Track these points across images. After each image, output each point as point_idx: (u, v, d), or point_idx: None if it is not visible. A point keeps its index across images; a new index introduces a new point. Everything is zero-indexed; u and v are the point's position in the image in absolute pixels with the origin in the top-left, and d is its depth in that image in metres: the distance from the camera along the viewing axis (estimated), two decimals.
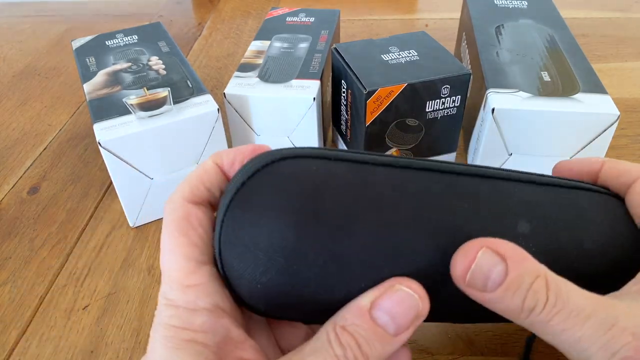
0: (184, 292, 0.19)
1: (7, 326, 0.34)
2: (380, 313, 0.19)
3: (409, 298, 0.19)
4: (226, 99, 0.41)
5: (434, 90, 0.37)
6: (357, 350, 0.18)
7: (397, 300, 0.19)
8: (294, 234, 0.18)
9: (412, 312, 0.19)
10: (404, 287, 0.19)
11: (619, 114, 0.35)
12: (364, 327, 0.18)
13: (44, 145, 0.51)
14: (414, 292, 0.19)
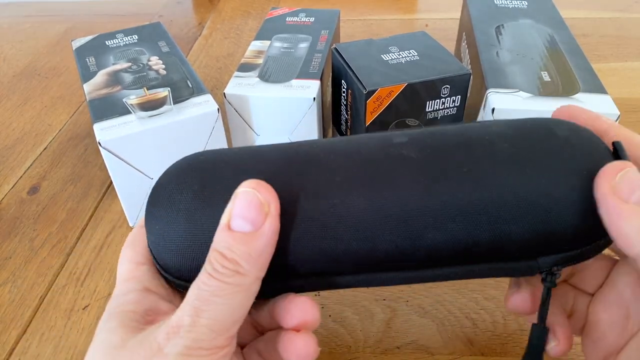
0: (122, 284, 0.23)
1: (7, 326, 0.34)
2: (235, 221, 0.21)
3: (248, 194, 0.21)
4: (226, 99, 0.41)
5: (434, 90, 0.37)
6: (223, 260, 0.20)
7: (241, 203, 0.21)
8: (183, 219, 0.22)
9: (256, 204, 0.21)
10: (241, 189, 0.21)
11: (619, 114, 0.35)
12: (226, 240, 0.21)
13: (44, 145, 0.51)
14: (249, 187, 0.21)
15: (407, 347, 0.32)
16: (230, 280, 0.20)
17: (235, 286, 0.20)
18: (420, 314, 0.33)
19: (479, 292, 0.35)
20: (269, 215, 0.21)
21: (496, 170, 0.22)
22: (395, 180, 0.22)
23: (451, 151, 0.22)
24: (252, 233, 0.21)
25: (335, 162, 0.23)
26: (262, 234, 0.21)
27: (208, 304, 0.20)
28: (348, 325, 0.33)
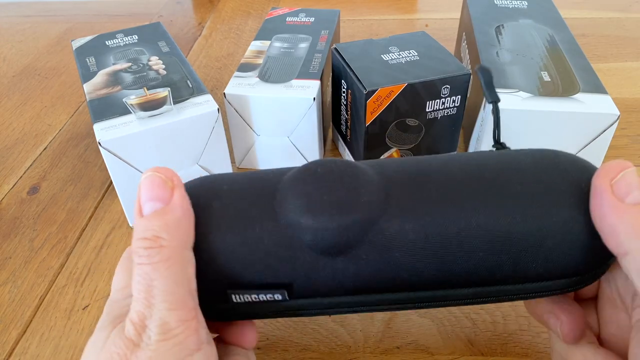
0: (118, 292, 0.24)
1: (7, 326, 0.34)
2: (145, 207, 0.22)
3: (148, 177, 0.22)
4: (226, 99, 0.41)
5: (434, 90, 0.37)
6: (144, 242, 0.21)
7: (145, 187, 0.22)
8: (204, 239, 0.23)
9: (159, 182, 0.22)
10: (141, 178, 0.22)
11: (619, 114, 0.35)
12: (141, 225, 0.21)
13: (44, 145, 0.51)
14: (147, 172, 0.22)
15: (407, 347, 0.32)
16: (157, 259, 0.21)
17: (165, 261, 0.21)
18: (420, 314, 0.33)
19: None
20: (175, 187, 0.22)
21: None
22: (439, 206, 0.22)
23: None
24: (164, 207, 0.22)
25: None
26: (173, 204, 0.22)
27: (151, 289, 0.20)
28: (348, 325, 0.33)
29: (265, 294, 0.23)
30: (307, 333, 0.33)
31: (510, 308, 0.33)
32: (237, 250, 0.23)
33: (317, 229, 0.22)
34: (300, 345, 0.32)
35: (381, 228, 0.22)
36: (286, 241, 0.22)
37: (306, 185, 0.23)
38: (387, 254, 0.22)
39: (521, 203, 0.22)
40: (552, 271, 0.22)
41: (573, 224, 0.22)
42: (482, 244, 0.22)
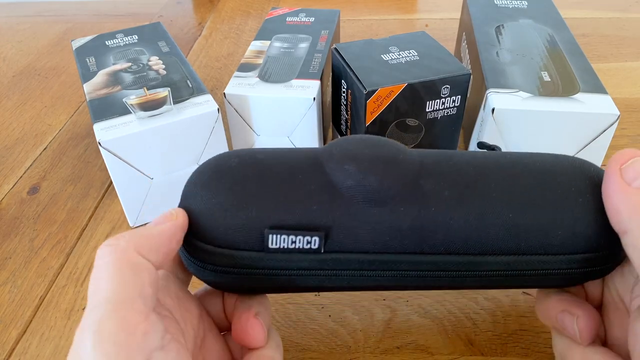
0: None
1: (7, 326, 0.34)
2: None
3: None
4: (226, 99, 0.41)
5: (434, 90, 0.37)
6: (106, 241, 0.21)
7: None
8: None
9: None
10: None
11: (619, 114, 0.35)
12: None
13: (44, 145, 0.51)
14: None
15: (407, 347, 0.32)
16: (108, 259, 0.20)
17: (117, 261, 0.20)
18: (420, 314, 0.33)
19: (479, 292, 0.35)
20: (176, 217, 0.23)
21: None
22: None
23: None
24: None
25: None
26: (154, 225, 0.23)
27: (97, 289, 0.20)
28: (348, 325, 0.33)
29: (303, 236, 0.23)
30: (307, 333, 0.33)
31: (510, 308, 0.33)
32: (280, 189, 0.23)
33: (359, 176, 0.23)
34: (300, 345, 0.32)
35: (419, 184, 0.24)
36: (328, 186, 0.23)
37: (349, 144, 0.25)
38: (423, 208, 0.23)
39: (546, 182, 0.24)
40: (571, 243, 0.23)
41: (587, 204, 0.24)
42: (513, 199, 0.24)
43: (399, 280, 0.24)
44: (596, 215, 0.24)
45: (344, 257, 0.23)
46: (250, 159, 0.24)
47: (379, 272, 0.24)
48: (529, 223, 0.23)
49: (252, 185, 0.23)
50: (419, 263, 0.23)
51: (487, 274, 0.24)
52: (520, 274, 0.24)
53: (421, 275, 0.24)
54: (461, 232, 0.23)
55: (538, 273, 0.24)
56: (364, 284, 0.24)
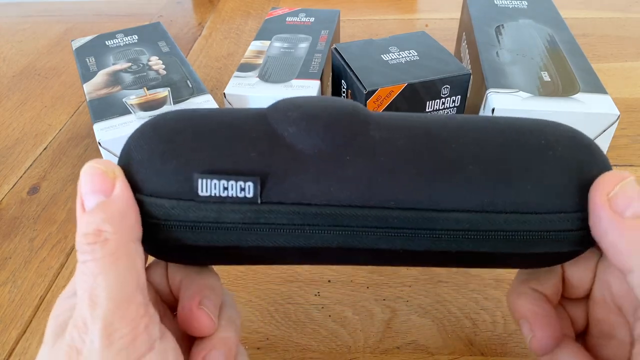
0: (60, 302, 0.22)
1: (7, 326, 0.34)
2: (86, 200, 0.21)
3: (88, 169, 0.21)
4: (226, 99, 0.41)
5: (434, 90, 0.37)
6: (87, 237, 0.20)
7: (85, 180, 0.21)
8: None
9: (99, 174, 0.21)
10: (81, 171, 0.21)
11: (619, 114, 0.35)
12: (83, 220, 0.21)
13: (44, 145, 0.51)
14: (87, 165, 0.21)
15: (407, 347, 0.32)
16: (101, 254, 0.19)
17: (110, 255, 0.19)
18: (420, 314, 0.33)
19: (479, 292, 0.35)
20: (116, 178, 0.21)
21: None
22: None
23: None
24: (106, 200, 0.20)
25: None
26: (116, 196, 0.20)
27: (95, 287, 0.19)
28: (348, 325, 0.33)
29: (236, 181, 0.20)
30: (307, 333, 0.33)
31: None
32: (217, 137, 0.21)
33: (302, 122, 0.21)
34: (300, 345, 0.32)
35: (369, 134, 0.22)
36: (269, 134, 0.21)
37: (297, 98, 0.23)
38: (371, 157, 0.21)
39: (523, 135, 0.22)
40: (541, 200, 0.21)
41: (559, 159, 0.21)
42: (474, 151, 0.21)
43: (348, 241, 0.21)
44: (569, 170, 0.21)
45: (283, 208, 0.21)
46: (190, 112, 0.23)
47: (324, 229, 0.21)
48: (491, 176, 0.21)
49: (188, 134, 0.22)
50: (367, 218, 0.21)
51: (446, 235, 0.21)
52: (484, 237, 0.21)
53: (371, 234, 0.21)
54: (412, 184, 0.21)
55: (503, 236, 0.21)
56: (308, 244, 0.21)
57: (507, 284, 0.35)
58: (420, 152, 0.21)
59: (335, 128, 0.21)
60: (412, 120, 0.22)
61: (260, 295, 0.35)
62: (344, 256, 0.23)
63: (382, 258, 0.23)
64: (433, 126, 0.22)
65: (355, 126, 0.22)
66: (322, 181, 0.21)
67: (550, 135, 0.22)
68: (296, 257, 0.23)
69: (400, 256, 0.22)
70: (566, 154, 0.22)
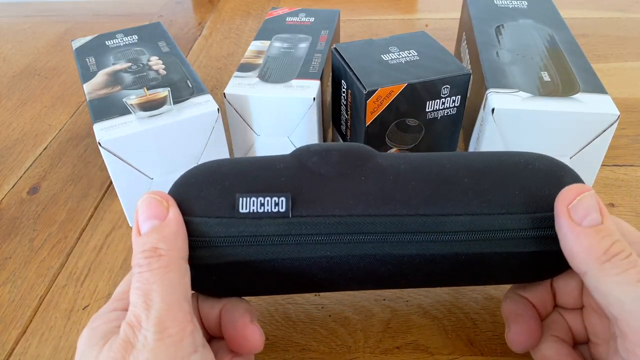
0: (111, 303, 0.25)
1: (7, 326, 0.34)
2: (142, 226, 0.23)
3: (145, 200, 0.24)
4: (226, 99, 0.41)
5: (434, 90, 0.37)
6: (144, 253, 0.22)
7: (142, 209, 0.23)
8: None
9: (154, 203, 0.24)
10: (138, 202, 0.24)
11: (619, 114, 0.35)
12: (140, 241, 0.23)
13: (44, 145, 0.51)
14: (143, 196, 0.24)
15: (407, 347, 0.32)
16: (156, 265, 0.22)
17: (164, 267, 0.22)
18: (420, 314, 0.33)
19: (479, 292, 0.35)
20: (170, 206, 0.24)
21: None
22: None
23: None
24: (161, 223, 0.23)
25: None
26: (169, 220, 0.23)
27: (150, 292, 0.21)
28: (348, 325, 0.33)
29: (271, 197, 0.24)
30: (307, 333, 0.33)
31: None
32: (252, 169, 0.26)
33: (323, 152, 0.26)
34: (300, 345, 0.32)
35: (377, 161, 0.26)
36: (296, 165, 0.26)
37: (317, 143, 0.28)
38: (382, 176, 0.26)
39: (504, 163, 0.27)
40: (530, 202, 0.25)
41: (538, 170, 0.26)
42: (466, 169, 0.26)
43: (368, 248, 0.25)
44: (548, 178, 0.25)
45: (310, 220, 0.24)
46: (227, 159, 0.28)
47: (346, 236, 0.24)
48: (485, 186, 0.25)
49: (228, 169, 0.26)
50: (382, 224, 0.24)
51: (454, 236, 0.24)
52: (485, 237, 0.24)
53: (389, 240, 0.24)
54: (420, 194, 0.25)
55: (502, 236, 0.24)
56: (333, 252, 0.25)
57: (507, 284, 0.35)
58: (422, 171, 0.26)
59: (349, 156, 0.26)
60: (411, 154, 0.28)
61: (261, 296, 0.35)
62: (366, 270, 0.25)
63: (400, 269, 0.25)
64: (428, 155, 0.27)
65: (365, 155, 0.27)
66: (342, 196, 0.25)
67: (527, 156, 0.27)
68: (324, 274, 0.26)
69: (416, 266, 0.25)
70: (542, 167, 0.26)
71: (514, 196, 0.25)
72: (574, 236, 0.22)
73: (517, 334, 0.27)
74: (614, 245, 0.22)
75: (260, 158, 0.27)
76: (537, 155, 0.27)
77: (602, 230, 0.22)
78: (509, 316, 0.28)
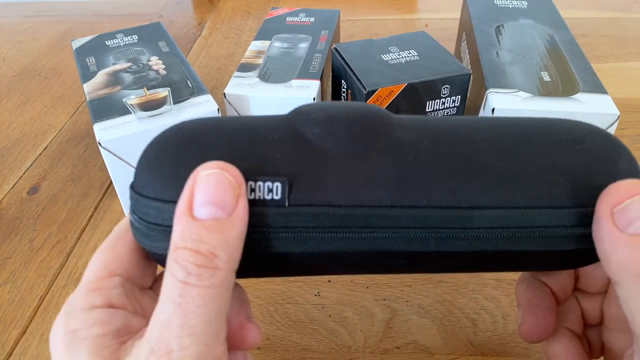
0: (86, 295, 0.19)
1: (7, 326, 0.34)
2: (201, 210, 0.18)
3: (216, 176, 0.18)
4: (226, 99, 0.41)
5: (434, 90, 0.37)
6: (196, 257, 0.17)
7: (208, 187, 0.18)
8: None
9: (227, 186, 0.18)
10: (204, 172, 0.18)
11: (619, 114, 0.35)
12: (194, 232, 0.17)
13: (44, 145, 0.51)
14: (215, 168, 0.18)
15: (407, 347, 0.32)
16: (208, 282, 0.17)
17: (217, 287, 0.17)
18: (420, 314, 0.33)
19: (479, 292, 0.35)
20: (240, 196, 0.18)
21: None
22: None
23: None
24: (226, 218, 0.18)
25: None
26: (237, 218, 0.18)
27: (192, 317, 0.17)
28: (348, 325, 0.33)
29: (264, 182, 0.19)
30: (307, 333, 0.33)
31: (510, 308, 0.34)
32: (241, 140, 0.21)
33: (327, 122, 0.21)
34: (300, 345, 0.32)
35: (394, 134, 0.21)
36: (294, 136, 0.21)
37: (319, 102, 0.23)
38: (400, 156, 0.21)
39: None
40: (573, 194, 0.20)
41: (587, 153, 0.21)
42: (501, 149, 0.21)
43: (380, 244, 0.20)
44: (601, 163, 0.21)
45: (310, 211, 0.20)
46: (209, 120, 0.22)
47: (354, 231, 0.20)
48: (523, 172, 0.20)
49: (211, 138, 0.21)
50: (398, 218, 0.20)
51: (483, 233, 0.20)
52: (520, 235, 0.20)
53: (404, 235, 0.20)
54: (445, 183, 0.20)
55: (539, 232, 0.20)
56: (338, 248, 0.20)
57: (507, 283, 0.35)
58: (449, 151, 0.21)
59: (361, 128, 0.21)
60: (434, 122, 0.22)
61: (261, 295, 0.35)
62: (375, 262, 0.22)
63: (414, 263, 0.22)
64: (455, 125, 0.22)
65: (380, 124, 0.21)
66: (349, 181, 0.20)
67: (578, 131, 0.22)
68: (326, 263, 0.22)
69: (432, 260, 0.21)
70: (595, 148, 0.21)
71: (557, 185, 0.20)
72: (612, 242, 0.19)
73: (531, 326, 0.25)
74: None
75: (251, 122, 0.22)
76: (589, 129, 0.22)
77: None
78: (524, 305, 0.25)
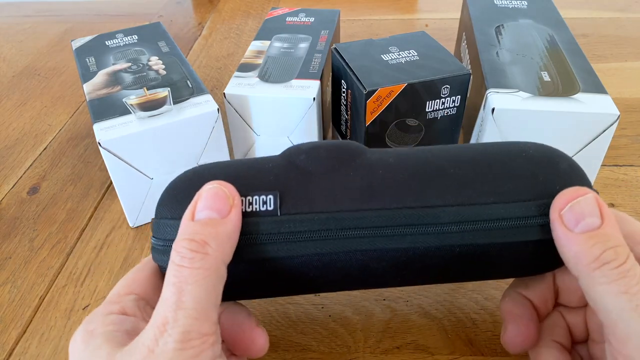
0: (106, 305, 0.24)
1: (7, 326, 0.34)
2: (200, 213, 0.22)
3: (213, 189, 0.23)
4: (226, 99, 0.41)
5: (434, 90, 0.37)
6: (191, 244, 0.21)
7: (207, 197, 0.23)
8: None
9: (222, 196, 0.23)
10: (205, 187, 0.23)
11: (619, 114, 0.35)
12: (192, 227, 0.22)
13: (44, 145, 0.51)
14: (213, 184, 0.23)
15: (407, 347, 0.32)
16: (198, 264, 0.21)
17: (205, 269, 0.21)
18: (420, 314, 0.33)
19: (479, 292, 0.35)
20: (234, 206, 0.23)
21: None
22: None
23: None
24: (219, 219, 0.22)
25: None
26: (229, 220, 0.22)
27: (184, 293, 0.20)
28: (348, 325, 0.33)
29: (259, 196, 0.24)
30: (307, 333, 0.33)
31: None
32: (240, 171, 0.25)
33: (311, 150, 0.26)
34: (300, 345, 0.32)
35: (366, 157, 0.26)
36: (285, 164, 0.26)
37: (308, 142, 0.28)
38: (370, 171, 0.25)
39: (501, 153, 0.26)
40: (523, 189, 0.24)
41: (531, 158, 0.25)
42: (453, 160, 0.26)
43: (360, 243, 0.24)
44: (543, 164, 0.25)
45: (299, 217, 0.24)
46: (220, 161, 0.27)
47: (336, 232, 0.24)
48: (474, 176, 0.25)
49: (217, 170, 0.26)
50: (372, 218, 0.24)
51: (447, 229, 0.24)
52: (479, 228, 0.24)
53: (380, 233, 0.24)
54: (408, 187, 0.25)
55: (492, 226, 0.24)
56: (325, 249, 0.24)
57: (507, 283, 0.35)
58: (411, 164, 0.26)
59: (338, 152, 0.26)
60: (402, 149, 0.27)
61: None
62: (359, 268, 0.25)
63: (396, 265, 0.25)
64: (417, 149, 0.27)
65: (354, 151, 0.26)
66: (330, 192, 0.25)
67: (522, 144, 0.26)
68: (316, 271, 0.25)
69: (411, 260, 0.25)
70: (537, 154, 0.25)
71: (505, 184, 0.24)
72: (565, 242, 0.22)
73: (512, 336, 0.27)
74: (605, 253, 0.21)
75: (251, 159, 0.27)
76: (532, 143, 0.26)
77: (595, 237, 0.22)
78: (506, 316, 0.28)
